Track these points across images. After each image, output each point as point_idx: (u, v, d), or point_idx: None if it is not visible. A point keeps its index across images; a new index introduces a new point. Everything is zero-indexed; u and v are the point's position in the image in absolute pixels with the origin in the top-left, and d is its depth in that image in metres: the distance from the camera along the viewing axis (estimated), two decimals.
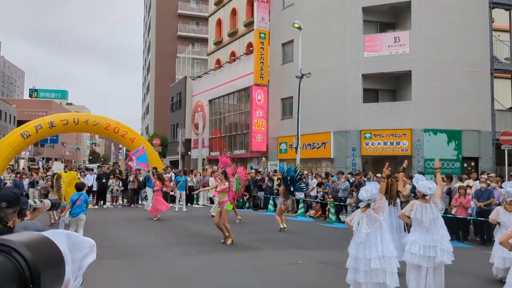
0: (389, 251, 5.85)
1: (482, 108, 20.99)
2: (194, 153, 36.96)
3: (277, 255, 9.65)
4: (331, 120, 22.67)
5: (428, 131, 20.57)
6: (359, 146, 21.60)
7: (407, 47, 21.00)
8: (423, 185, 6.41)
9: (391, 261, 5.82)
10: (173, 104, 44.87)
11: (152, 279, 7.78)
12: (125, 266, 8.60)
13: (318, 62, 23.27)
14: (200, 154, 32.36)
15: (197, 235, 12.64)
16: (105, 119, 26.49)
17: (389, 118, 21.13)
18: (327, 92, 23.01)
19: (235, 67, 32.32)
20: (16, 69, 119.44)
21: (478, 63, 21.02)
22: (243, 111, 31.16)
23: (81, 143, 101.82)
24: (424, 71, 20.72)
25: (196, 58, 50.42)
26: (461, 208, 12.28)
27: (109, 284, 7.23)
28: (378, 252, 5.76)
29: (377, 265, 5.70)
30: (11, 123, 60.68)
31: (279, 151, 26.71)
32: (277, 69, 27.59)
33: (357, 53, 21.93)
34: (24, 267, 0.52)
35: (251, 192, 20.77)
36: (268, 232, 13.20)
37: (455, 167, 20.33)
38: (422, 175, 7.55)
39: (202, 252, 9.73)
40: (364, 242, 5.81)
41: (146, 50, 67.67)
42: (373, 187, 6.07)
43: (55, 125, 24.68)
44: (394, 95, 23.00)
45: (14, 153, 24.92)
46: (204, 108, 36.67)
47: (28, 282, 0.51)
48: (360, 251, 5.82)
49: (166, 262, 9.12)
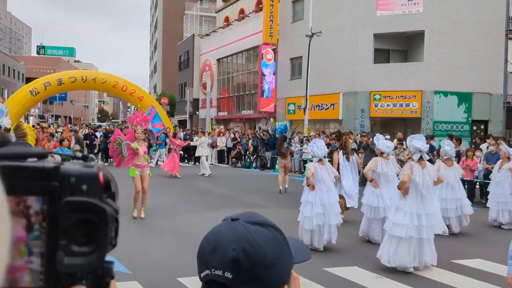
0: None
1: (495, 70, 20.58)
2: (202, 113, 36.96)
3: (282, 213, 9.82)
4: (341, 81, 22.41)
5: (439, 93, 20.31)
6: (368, 107, 21.44)
7: (421, 6, 20.40)
8: (383, 143, 7.48)
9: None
10: (181, 63, 44.47)
11: (161, 234, 8.01)
12: (134, 222, 8.82)
13: (329, 21, 22.73)
14: (208, 114, 32.35)
15: (205, 192, 12.88)
16: (113, 77, 26.39)
17: (399, 79, 20.83)
18: (337, 52, 22.62)
19: (244, 25, 31.73)
20: (23, 25, 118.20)
21: (493, 23, 20.43)
22: (251, 70, 30.85)
23: (90, 101, 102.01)
24: (437, 31, 20.21)
25: (204, 16, 49.46)
26: (468, 170, 12.29)
27: (121, 238, 7.38)
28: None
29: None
30: (19, 80, 60.68)
31: (288, 112, 26.62)
32: (287, 28, 27.04)
33: (369, 11, 21.37)
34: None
35: (258, 152, 20.89)
36: (273, 191, 13.38)
37: (464, 129, 20.20)
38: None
39: (210, 209, 9.92)
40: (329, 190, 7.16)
41: (154, 7, 66.40)
42: (323, 145, 7.35)
43: (64, 82, 24.68)
44: (406, 56, 22.57)
45: (23, 110, 25.09)
46: (212, 67, 36.33)
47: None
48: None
49: (175, 218, 9.35)
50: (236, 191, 13.26)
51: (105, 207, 0.51)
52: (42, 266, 0.50)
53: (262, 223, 0.91)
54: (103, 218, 0.51)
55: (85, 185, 0.51)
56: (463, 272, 6.20)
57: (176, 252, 6.78)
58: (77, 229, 0.50)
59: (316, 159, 7.29)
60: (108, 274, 0.56)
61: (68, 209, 0.50)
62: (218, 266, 0.84)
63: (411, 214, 6.03)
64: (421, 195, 6.12)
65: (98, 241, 0.51)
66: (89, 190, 0.51)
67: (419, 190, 6.10)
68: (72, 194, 0.51)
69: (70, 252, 0.50)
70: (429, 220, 6.09)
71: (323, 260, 6.57)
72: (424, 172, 6.15)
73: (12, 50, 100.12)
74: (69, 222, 0.50)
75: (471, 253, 7.21)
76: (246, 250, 0.84)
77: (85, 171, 0.52)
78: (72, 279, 0.52)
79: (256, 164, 20.96)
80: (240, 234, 0.87)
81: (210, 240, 0.90)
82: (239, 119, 33.06)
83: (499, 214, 9.29)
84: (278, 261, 0.87)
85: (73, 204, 0.50)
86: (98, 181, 0.52)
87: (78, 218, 0.50)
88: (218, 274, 0.84)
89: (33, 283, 0.50)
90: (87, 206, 0.50)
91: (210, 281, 0.86)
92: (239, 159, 21.87)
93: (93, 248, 0.51)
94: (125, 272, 5.84)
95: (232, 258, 0.84)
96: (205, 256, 0.88)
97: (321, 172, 7.15)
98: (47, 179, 0.51)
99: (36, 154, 0.53)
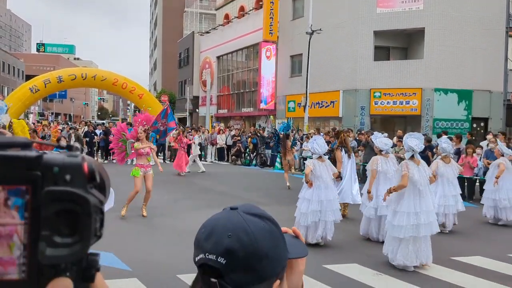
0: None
1: (495, 68, 20.55)
2: (202, 111, 36.94)
3: (281, 210, 9.82)
4: (341, 78, 22.39)
5: (439, 91, 20.29)
6: (368, 105, 21.43)
7: (421, 3, 20.36)
8: (380, 141, 7.50)
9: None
10: (180, 60, 44.41)
11: (162, 231, 8.02)
12: (136, 219, 8.83)
13: (329, 18, 22.70)
14: (208, 111, 32.33)
15: (205, 190, 12.89)
16: (113, 75, 26.36)
17: (399, 76, 20.81)
18: (337, 50, 22.59)
19: (244, 23, 31.68)
20: (23, 22, 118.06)
21: (493, 21, 20.40)
22: (251, 68, 30.81)
23: (90, 99, 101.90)
24: (438, 28, 20.18)
25: (204, 13, 49.38)
26: (468, 167, 12.29)
27: (120, 236, 7.46)
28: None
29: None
30: (19, 77, 60.62)
31: (287, 109, 26.60)
32: (287, 25, 27.00)
33: (369, 8, 21.34)
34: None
35: (258, 150, 20.88)
36: (273, 188, 13.39)
37: (464, 127, 20.18)
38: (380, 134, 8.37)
39: (210, 206, 9.93)
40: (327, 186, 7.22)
41: (153, 4, 66.29)
42: (323, 142, 7.34)
43: (63, 80, 24.65)
44: (406, 53, 22.54)
45: (23, 108, 25.07)
46: (212, 64, 36.29)
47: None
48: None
49: (176, 215, 9.36)
50: (236, 189, 13.27)
51: (89, 197, 0.50)
52: (25, 257, 0.49)
53: (260, 215, 0.92)
54: (86, 208, 0.49)
55: (68, 175, 0.50)
56: (463, 270, 6.21)
57: (176, 249, 6.79)
58: (60, 220, 0.49)
59: (316, 156, 7.31)
60: (94, 266, 0.54)
61: (50, 199, 0.49)
62: (212, 251, 0.86)
63: (408, 214, 6.03)
64: (419, 192, 6.11)
65: (81, 232, 0.50)
66: (73, 180, 0.50)
67: (417, 187, 6.10)
68: (55, 184, 0.49)
69: (53, 243, 0.49)
70: (427, 217, 6.09)
71: (323, 257, 6.58)
72: (420, 169, 6.18)
73: (12, 48, 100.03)
74: (51, 212, 0.49)
75: (471, 250, 7.21)
76: (241, 239, 0.86)
77: (68, 160, 0.51)
78: (55, 270, 0.51)
79: (256, 162, 20.97)
80: (237, 223, 0.88)
81: (207, 226, 0.91)
82: (239, 117, 33.04)
83: (489, 209, 9.47)
84: (272, 253, 0.88)
85: (55, 193, 0.49)
86: (82, 171, 0.51)
87: (60, 208, 0.49)
88: (212, 259, 0.85)
89: (16, 274, 0.49)
90: (69, 195, 0.49)
91: (204, 265, 0.87)
92: (239, 157, 21.88)
93: (76, 239, 0.49)
94: (125, 269, 5.85)
95: (227, 244, 0.85)
96: (201, 241, 0.89)
97: (320, 169, 7.18)
98: (29, 168, 0.49)
99: (19, 144, 0.51)
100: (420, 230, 6.00)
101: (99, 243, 0.53)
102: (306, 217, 7.06)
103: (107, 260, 6.01)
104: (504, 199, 9.14)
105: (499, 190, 9.21)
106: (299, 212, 7.22)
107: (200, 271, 0.89)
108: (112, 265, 5.93)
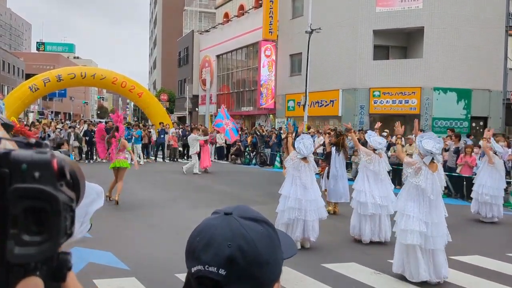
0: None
1: (494, 67, 20.56)
2: (201, 109, 36.91)
3: None
4: (340, 77, 22.39)
5: (438, 90, 20.30)
6: (367, 104, 21.43)
7: (421, 2, 20.36)
8: (374, 140, 7.39)
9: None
10: (180, 59, 44.38)
11: (161, 230, 8.04)
12: (135, 218, 8.85)
13: (328, 17, 22.70)
14: (208, 110, 32.31)
15: (203, 189, 12.91)
16: (112, 73, 26.35)
17: (399, 76, 20.82)
18: (336, 49, 22.59)
19: (243, 21, 31.66)
20: (22, 21, 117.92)
21: (493, 19, 20.40)
22: (251, 67, 30.79)
23: (89, 98, 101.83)
24: (437, 27, 20.18)
25: (204, 12, 49.32)
26: (466, 167, 12.30)
27: (120, 234, 7.47)
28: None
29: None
30: (19, 76, 60.56)
31: (287, 109, 26.60)
32: (286, 24, 26.99)
33: (369, 8, 21.33)
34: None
35: (258, 149, 20.89)
36: (272, 187, 13.38)
37: (463, 126, 20.19)
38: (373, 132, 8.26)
39: (209, 205, 9.93)
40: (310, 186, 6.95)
41: (153, 2, 66.22)
42: (310, 143, 6.99)
43: (63, 78, 24.64)
44: (405, 52, 22.53)
45: (23, 106, 25.09)
46: (211, 63, 36.26)
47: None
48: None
49: (175, 214, 9.38)
50: (235, 188, 13.29)
51: (58, 194, 0.48)
52: None
53: (256, 218, 0.89)
54: (55, 206, 0.48)
55: (37, 172, 0.49)
56: (463, 269, 6.22)
57: (174, 248, 6.79)
58: (28, 218, 0.48)
59: (300, 156, 6.88)
60: (65, 265, 0.53)
61: (18, 196, 0.48)
62: (212, 262, 0.81)
63: (416, 218, 5.46)
64: (429, 201, 5.49)
65: (51, 230, 0.48)
66: (42, 177, 0.49)
67: (427, 196, 5.48)
68: (23, 181, 0.48)
69: (21, 242, 0.47)
70: (435, 230, 5.49)
71: (321, 256, 6.59)
72: (434, 176, 5.48)
73: (12, 47, 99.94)
74: (19, 210, 0.48)
75: (469, 249, 7.22)
76: (242, 248, 0.82)
77: (37, 157, 0.50)
78: (24, 270, 0.49)
79: (255, 161, 20.97)
80: (236, 231, 0.84)
81: (203, 235, 0.86)
82: (238, 116, 33.03)
83: (474, 204, 9.68)
84: (272, 258, 0.86)
85: (22, 191, 0.48)
86: (51, 168, 0.50)
87: (29, 205, 0.48)
88: (212, 271, 0.81)
89: None
90: (38, 193, 0.48)
91: (202, 277, 0.82)
92: (238, 156, 21.89)
93: (46, 237, 0.48)
94: (123, 268, 5.86)
95: (228, 255, 0.81)
96: (197, 251, 0.84)
97: (302, 169, 6.89)
98: None
99: None
100: (429, 242, 5.45)
101: (97, 242, 0.54)
102: (283, 214, 6.87)
103: (105, 259, 6.02)
104: (486, 195, 9.28)
105: (483, 185, 9.38)
106: (279, 209, 7.01)
107: (195, 283, 0.83)
108: (111, 264, 5.94)
